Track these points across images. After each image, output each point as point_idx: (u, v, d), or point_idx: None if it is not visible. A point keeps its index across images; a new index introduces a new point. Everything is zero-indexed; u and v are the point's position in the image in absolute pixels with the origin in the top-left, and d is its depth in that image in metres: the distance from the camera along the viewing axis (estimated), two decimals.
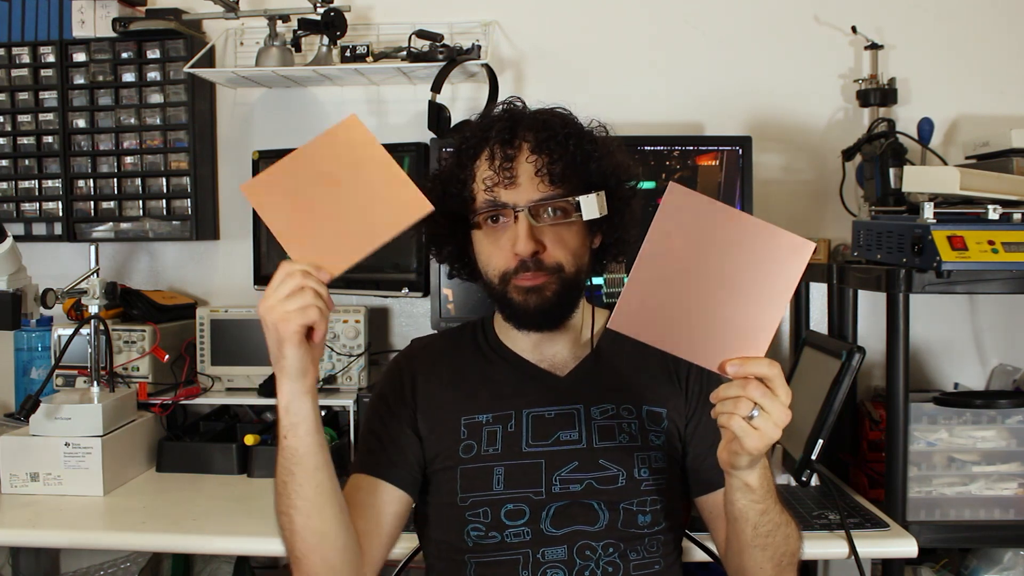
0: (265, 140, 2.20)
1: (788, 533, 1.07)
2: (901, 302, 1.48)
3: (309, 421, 1.00)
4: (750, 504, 1.02)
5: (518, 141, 1.13)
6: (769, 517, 1.03)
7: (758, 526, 1.03)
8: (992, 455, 1.55)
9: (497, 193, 1.12)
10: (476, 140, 1.16)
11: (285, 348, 0.96)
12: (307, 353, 0.97)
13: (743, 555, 1.08)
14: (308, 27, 2.02)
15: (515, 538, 1.11)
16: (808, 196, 2.11)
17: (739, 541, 1.07)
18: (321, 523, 1.03)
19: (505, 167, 1.11)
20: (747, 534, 1.04)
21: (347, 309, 2.03)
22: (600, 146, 1.17)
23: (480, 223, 1.15)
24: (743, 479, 1.00)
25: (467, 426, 1.17)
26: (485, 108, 1.76)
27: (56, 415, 1.69)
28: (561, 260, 1.13)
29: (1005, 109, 2.06)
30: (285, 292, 0.95)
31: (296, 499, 1.01)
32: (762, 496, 1.01)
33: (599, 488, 1.13)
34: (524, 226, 1.10)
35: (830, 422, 1.50)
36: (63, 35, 2.17)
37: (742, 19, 2.11)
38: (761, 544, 1.05)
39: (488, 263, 1.16)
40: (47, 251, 2.25)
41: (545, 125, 1.14)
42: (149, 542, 1.55)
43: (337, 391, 2.02)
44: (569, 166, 1.12)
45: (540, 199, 1.11)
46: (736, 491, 1.01)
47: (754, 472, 0.99)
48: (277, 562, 2.17)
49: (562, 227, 1.13)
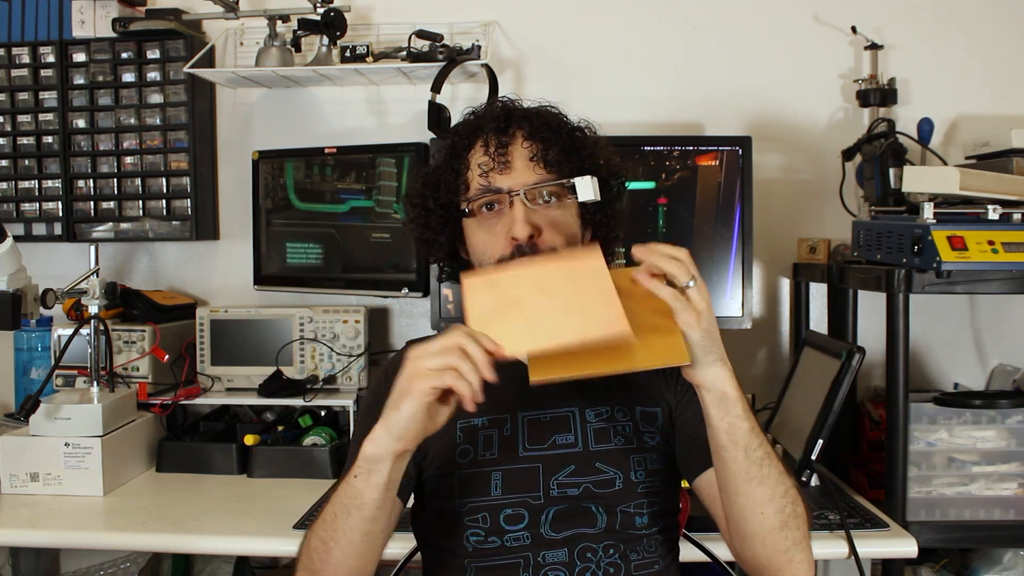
0: (265, 140, 2.20)
1: (783, 470, 1.01)
2: (901, 302, 1.48)
3: (386, 479, 0.97)
4: (735, 421, 0.96)
5: (512, 129, 1.14)
6: (759, 441, 0.98)
7: (749, 449, 0.97)
8: (992, 455, 1.55)
9: (492, 178, 1.12)
10: (470, 131, 1.16)
11: (404, 401, 0.92)
12: (420, 421, 0.93)
13: (740, 496, 1.01)
14: (308, 27, 2.02)
15: (515, 542, 1.11)
16: (808, 196, 2.10)
17: (734, 479, 1.00)
18: (355, 563, 1.02)
19: (500, 152, 1.11)
20: (740, 462, 0.98)
21: (347, 309, 2.03)
22: (591, 138, 1.19)
23: (474, 211, 1.15)
24: (718, 388, 0.95)
25: (463, 430, 1.17)
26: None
27: (56, 415, 1.69)
28: (557, 245, 1.12)
29: (1005, 109, 2.06)
30: (437, 348, 0.91)
31: (341, 536, 1.00)
32: (744, 411, 0.97)
33: (596, 492, 1.13)
34: (520, 210, 1.10)
35: (830, 422, 1.50)
36: (63, 35, 2.17)
37: (742, 19, 2.11)
38: (758, 475, 0.98)
39: (483, 252, 1.15)
40: (47, 251, 2.25)
41: (538, 115, 1.15)
42: (149, 542, 1.55)
43: (337, 391, 2.02)
44: (563, 152, 1.13)
45: (535, 183, 1.11)
46: (715, 408, 0.96)
47: (724, 375, 0.95)
48: (277, 562, 2.17)
49: (557, 211, 1.13)
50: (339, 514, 1.00)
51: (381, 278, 1.98)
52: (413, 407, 0.92)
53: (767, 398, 1.91)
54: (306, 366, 2.03)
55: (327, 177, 2.03)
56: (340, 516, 1.00)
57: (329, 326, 2.02)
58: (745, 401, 0.98)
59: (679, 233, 1.85)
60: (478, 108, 1.20)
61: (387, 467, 0.96)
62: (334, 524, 1.00)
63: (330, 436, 1.88)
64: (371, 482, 0.97)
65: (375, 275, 1.99)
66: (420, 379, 0.91)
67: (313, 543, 1.03)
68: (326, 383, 2.01)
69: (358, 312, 2.03)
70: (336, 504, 1.01)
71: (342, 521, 1.00)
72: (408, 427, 0.93)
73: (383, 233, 1.96)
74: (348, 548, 1.01)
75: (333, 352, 2.01)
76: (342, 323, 2.02)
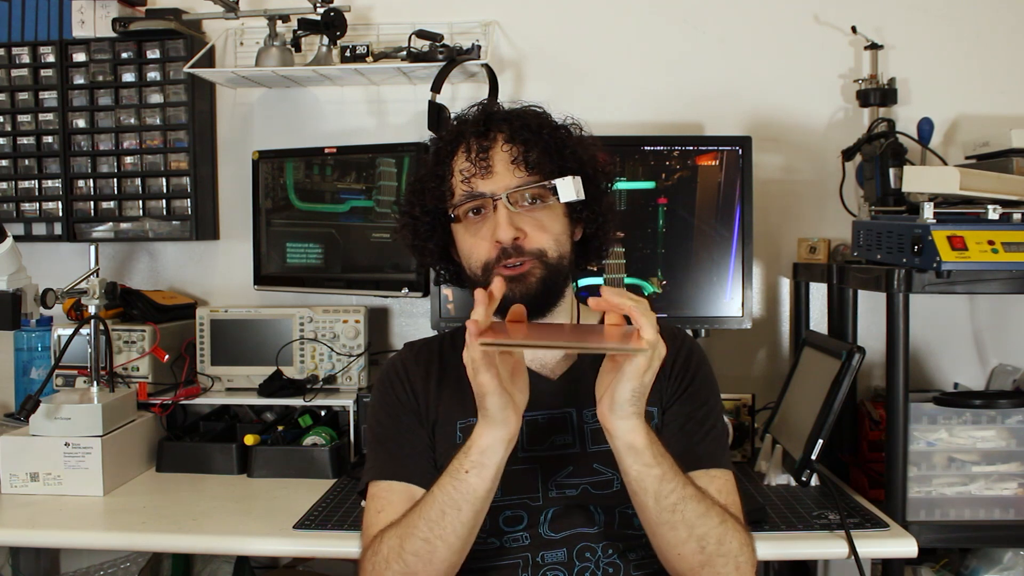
0: (265, 140, 2.20)
1: (703, 512, 1.01)
2: (901, 302, 1.48)
3: (498, 467, 1.00)
4: (643, 469, 0.97)
5: (493, 133, 1.14)
6: (671, 487, 0.98)
7: (660, 497, 0.98)
8: (992, 455, 1.55)
9: (474, 184, 1.13)
10: (452, 137, 1.17)
11: (486, 399, 0.97)
12: (509, 402, 0.97)
13: (655, 537, 1.03)
14: (308, 27, 2.02)
15: (514, 543, 1.11)
16: (808, 196, 2.11)
17: (647, 521, 1.02)
18: (456, 559, 1.03)
19: (481, 157, 1.12)
20: (651, 508, 0.99)
21: (347, 309, 2.03)
22: (574, 137, 1.18)
23: (460, 216, 1.16)
24: (626, 438, 0.97)
25: (463, 430, 1.17)
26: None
27: (56, 415, 1.69)
28: (542, 246, 1.13)
29: (1005, 109, 2.06)
30: (465, 357, 0.96)
31: (450, 533, 1.01)
32: (653, 458, 0.97)
33: (594, 492, 1.13)
34: (503, 213, 1.10)
35: (830, 422, 1.50)
36: (63, 35, 2.17)
37: (742, 19, 2.11)
38: (668, 521, 0.99)
39: (470, 256, 1.16)
40: (47, 251, 2.26)
41: (519, 117, 1.16)
42: (149, 542, 1.55)
43: (337, 391, 2.02)
44: (544, 153, 1.13)
45: (517, 186, 1.12)
46: (625, 456, 0.98)
47: (636, 426, 0.96)
48: (277, 562, 2.17)
49: (541, 212, 1.13)
50: (448, 511, 1.00)
51: (381, 278, 1.98)
52: (494, 399, 0.96)
53: (767, 398, 1.91)
54: (306, 366, 2.03)
55: (327, 177, 2.03)
56: (449, 513, 1.00)
57: (329, 326, 2.02)
58: (655, 449, 0.98)
59: (679, 233, 1.85)
60: (463, 112, 1.21)
61: (500, 455, 0.99)
62: (441, 522, 1.01)
63: (330, 436, 1.88)
64: (485, 476, 0.99)
65: (375, 275, 1.99)
66: (472, 372, 0.95)
67: (413, 545, 1.02)
68: (326, 383, 2.01)
69: (358, 312, 2.03)
70: (442, 502, 1.01)
71: (452, 518, 1.00)
72: (503, 413, 0.97)
73: (383, 233, 1.96)
74: (456, 544, 1.01)
75: (333, 352, 2.01)
76: (342, 323, 2.02)
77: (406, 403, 1.20)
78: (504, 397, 0.96)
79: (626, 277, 1.86)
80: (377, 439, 1.20)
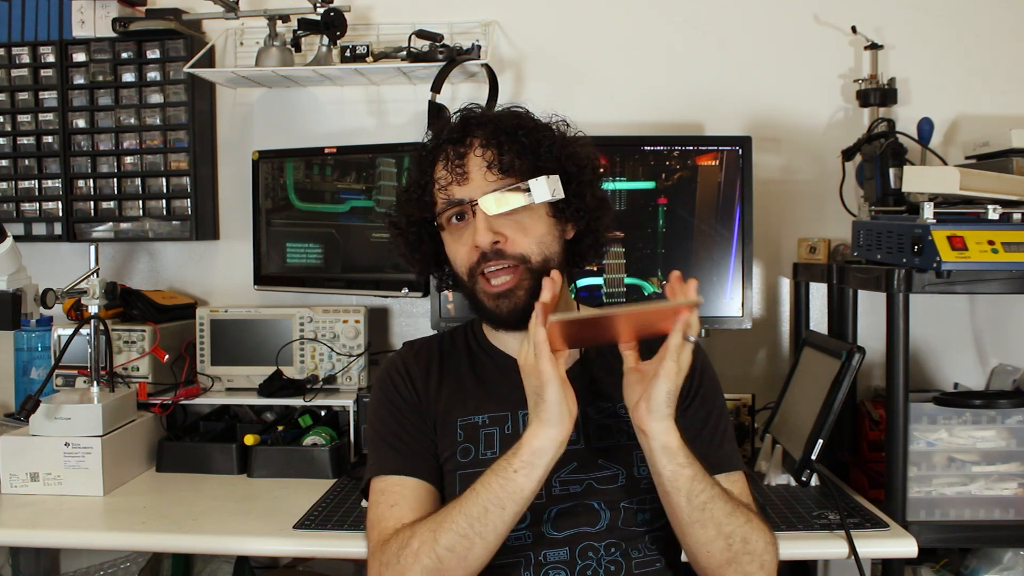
0: (265, 140, 2.20)
1: (730, 511, 1.04)
2: (901, 302, 1.48)
3: (547, 469, 1.02)
4: (677, 469, 1.01)
5: (468, 139, 1.15)
6: (701, 487, 1.02)
7: (692, 496, 1.02)
8: (992, 455, 1.55)
9: (451, 191, 1.14)
10: (433, 146, 1.18)
11: (545, 391, 0.99)
12: (565, 400, 0.99)
13: (686, 536, 1.06)
14: (308, 27, 2.02)
15: (516, 541, 1.11)
16: (808, 196, 2.10)
17: (679, 520, 1.05)
18: (488, 558, 1.04)
19: (457, 164, 1.13)
20: (683, 508, 1.02)
21: (347, 309, 2.03)
22: (554, 134, 1.18)
23: (444, 224, 1.17)
24: (662, 438, 1.01)
25: (463, 428, 1.17)
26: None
27: (56, 415, 1.69)
28: (524, 250, 1.13)
29: (1005, 109, 2.06)
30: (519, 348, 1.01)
31: (490, 531, 1.01)
32: (686, 459, 1.01)
33: (599, 488, 1.13)
34: (480, 218, 1.11)
35: (830, 422, 1.50)
36: (63, 35, 2.17)
37: (742, 19, 2.11)
38: (700, 519, 1.03)
39: (455, 261, 1.17)
40: (47, 251, 2.26)
41: (493, 121, 1.16)
42: (149, 542, 1.55)
43: (337, 391, 2.02)
44: (519, 155, 1.13)
45: (492, 190, 1.12)
46: (660, 457, 1.01)
47: (670, 427, 1.01)
48: (277, 562, 2.17)
49: (521, 215, 1.13)
50: (491, 508, 1.01)
51: (381, 278, 1.98)
52: (554, 389, 0.99)
53: (767, 398, 1.91)
54: (306, 366, 2.03)
55: (327, 177, 2.03)
56: (492, 511, 1.01)
57: (329, 326, 2.02)
58: (687, 451, 1.03)
59: (679, 233, 1.85)
60: (449, 116, 1.21)
61: (550, 458, 1.01)
62: (483, 519, 1.01)
63: (330, 436, 1.88)
64: (534, 477, 1.01)
65: (375, 275, 1.99)
66: (543, 359, 0.98)
67: (449, 540, 1.02)
68: (326, 383, 2.01)
69: (358, 312, 2.03)
70: (486, 499, 1.01)
71: (495, 516, 1.01)
72: (559, 410, 0.99)
73: (383, 233, 1.96)
74: (493, 543, 1.03)
75: (333, 352, 2.01)
76: (342, 323, 2.02)
77: (409, 400, 1.21)
78: (566, 388, 0.99)
79: (626, 277, 1.86)
80: (380, 436, 1.20)
